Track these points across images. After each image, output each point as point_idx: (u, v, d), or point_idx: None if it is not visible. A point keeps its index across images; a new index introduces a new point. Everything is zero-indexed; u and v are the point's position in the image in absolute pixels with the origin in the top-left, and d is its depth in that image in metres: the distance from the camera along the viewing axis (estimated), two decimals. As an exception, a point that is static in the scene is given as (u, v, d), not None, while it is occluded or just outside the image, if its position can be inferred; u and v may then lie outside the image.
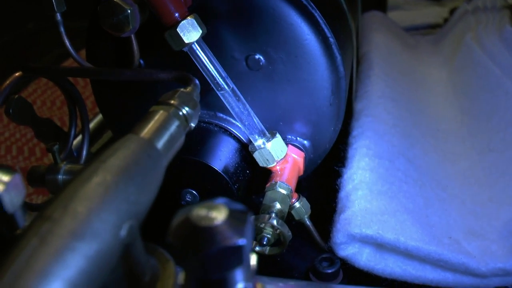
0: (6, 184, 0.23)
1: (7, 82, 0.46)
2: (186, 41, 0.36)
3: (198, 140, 0.42)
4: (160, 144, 0.25)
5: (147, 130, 0.25)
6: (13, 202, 0.22)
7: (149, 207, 0.22)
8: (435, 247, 0.40)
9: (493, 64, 0.58)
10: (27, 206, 0.25)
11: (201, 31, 0.36)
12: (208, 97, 0.42)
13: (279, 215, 0.37)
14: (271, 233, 0.36)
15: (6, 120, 1.11)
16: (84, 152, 0.55)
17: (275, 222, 0.36)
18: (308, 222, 0.44)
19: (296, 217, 0.43)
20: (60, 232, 0.18)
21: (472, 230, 0.43)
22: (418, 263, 0.41)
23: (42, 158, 0.95)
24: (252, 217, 0.19)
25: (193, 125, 0.29)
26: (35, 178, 0.50)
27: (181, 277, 0.21)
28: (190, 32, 0.36)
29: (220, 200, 0.19)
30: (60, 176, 0.47)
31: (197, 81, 0.33)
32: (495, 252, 0.39)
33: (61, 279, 0.17)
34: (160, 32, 0.37)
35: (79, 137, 0.56)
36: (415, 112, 0.59)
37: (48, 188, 0.49)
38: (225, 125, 0.43)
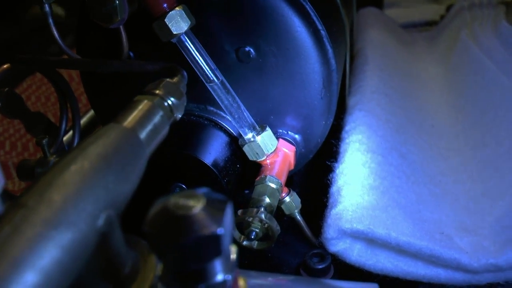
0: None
1: None
2: (175, 32, 0.35)
3: (188, 133, 0.42)
4: (143, 134, 0.25)
5: (130, 119, 0.25)
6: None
7: (129, 197, 0.22)
8: (427, 243, 0.39)
9: (488, 60, 0.58)
10: (7, 196, 0.24)
11: (189, 22, 0.36)
12: (198, 90, 0.42)
13: (268, 209, 0.37)
14: (259, 227, 0.36)
15: None
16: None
17: (263, 216, 0.35)
18: (298, 217, 0.43)
19: (287, 212, 0.43)
20: (34, 220, 0.18)
21: (465, 225, 0.43)
22: (410, 259, 0.41)
23: (35, 153, 0.94)
24: (231, 207, 0.18)
25: (179, 116, 0.29)
26: (24, 171, 0.49)
27: (160, 268, 0.21)
28: (178, 23, 0.35)
29: (200, 190, 0.18)
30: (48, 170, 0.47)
31: (184, 72, 0.32)
32: (487, 248, 0.39)
33: (34, 268, 0.17)
34: (148, 23, 0.37)
35: (71, 132, 0.55)
36: (409, 108, 0.59)
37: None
38: (215, 119, 0.43)
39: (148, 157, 0.24)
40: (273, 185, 0.38)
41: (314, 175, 0.52)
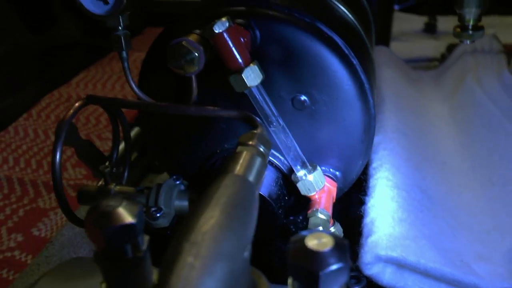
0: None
1: (71, 111, 0.50)
2: (249, 85, 0.42)
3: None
4: (252, 178, 0.31)
5: (240, 168, 0.31)
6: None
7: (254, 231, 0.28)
8: (450, 269, 0.46)
9: (493, 105, 0.65)
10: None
11: (261, 77, 0.42)
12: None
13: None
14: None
15: (12, 132, 1.14)
16: (126, 175, 0.60)
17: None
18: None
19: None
20: (204, 253, 0.24)
21: (481, 254, 0.49)
22: (434, 282, 0.47)
23: (49, 171, 0.98)
24: (348, 248, 0.24)
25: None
26: (85, 197, 0.55)
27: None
28: (252, 78, 0.42)
29: (327, 232, 0.25)
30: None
31: (260, 121, 0.39)
32: (502, 274, 0.46)
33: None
34: (217, 71, 0.43)
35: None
36: (424, 145, 0.66)
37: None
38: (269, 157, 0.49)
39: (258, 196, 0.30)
40: (323, 217, 0.44)
41: (344, 206, 0.58)
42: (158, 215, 0.49)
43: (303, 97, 0.46)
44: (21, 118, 1.19)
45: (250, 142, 0.34)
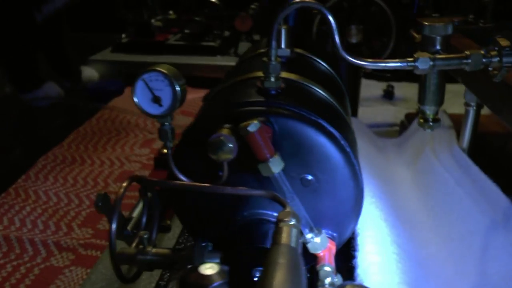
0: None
1: (122, 190, 0.61)
2: (274, 171, 0.55)
3: (264, 232, 0.60)
4: (294, 244, 0.44)
5: (285, 239, 0.44)
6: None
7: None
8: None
9: (448, 174, 0.82)
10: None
11: (283, 165, 0.56)
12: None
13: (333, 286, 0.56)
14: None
15: (13, 194, 1.22)
16: (154, 237, 0.70)
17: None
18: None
19: (333, 288, 0.62)
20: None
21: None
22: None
23: (57, 231, 1.06)
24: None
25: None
26: (125, 258, 0.64)
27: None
28: (276, 166, 0.55)
29: (356, 282, 0.38)
30: (148, 257, 0.63)
31: (285, 200, 0.52)
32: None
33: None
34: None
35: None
36: (395, 207, 0.81)
37: (136, 265, 0.64)
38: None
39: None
40: (329, 269, 0.57)
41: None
42: (193, 272, 0.60)
43: (309, 177, 0.60)
44: (20, 179, 1.27)
45: (286, 219, 0.47)
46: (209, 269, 0.39)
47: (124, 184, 0.62)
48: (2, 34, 1.62)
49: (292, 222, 0.47)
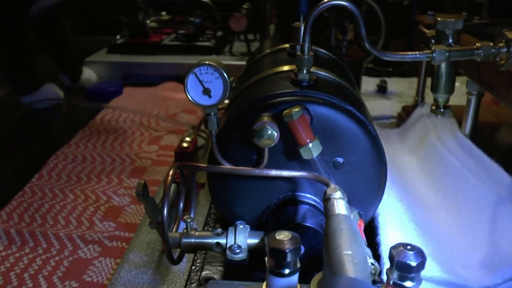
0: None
1: (169, 178, 0.66)
2: (314, 154, 0.61)
3: (300, 212, 0.66)
4: (348, 213, 0.50)
5: (340, 209, 0.50)
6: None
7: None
8: (446, 275, 0.67)
9: (453, 158, 0.89)
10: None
11: (321, 148, 0.62)
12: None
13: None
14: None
15: (29, 192, 1.24)
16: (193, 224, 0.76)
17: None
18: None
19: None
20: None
21: (462, 264, 0.71)
22: (436, 286, 0.68)
23: (79, 226, 1.09)
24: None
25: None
26: (174, 242, 0.69)
27: None
28: (316, 149, 0.61)
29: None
30: (193, 240, 0.68)
31: (328, 179, 0.58)
32: (480, 277, 0.67)
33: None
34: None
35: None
36: (406, 190, 0.88)
37: (183, 249, 0.69)
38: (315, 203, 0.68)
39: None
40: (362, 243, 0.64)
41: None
42: (238, 250, 0.66)
43: (341, 160, 0.67)
44: (34, 178, 1.30)
45: (335, 193, 0.53)
46: (284, 236, 0.45)
47: (171, 172, 0.68)
48: None
49: (341, 196, 0.53)
